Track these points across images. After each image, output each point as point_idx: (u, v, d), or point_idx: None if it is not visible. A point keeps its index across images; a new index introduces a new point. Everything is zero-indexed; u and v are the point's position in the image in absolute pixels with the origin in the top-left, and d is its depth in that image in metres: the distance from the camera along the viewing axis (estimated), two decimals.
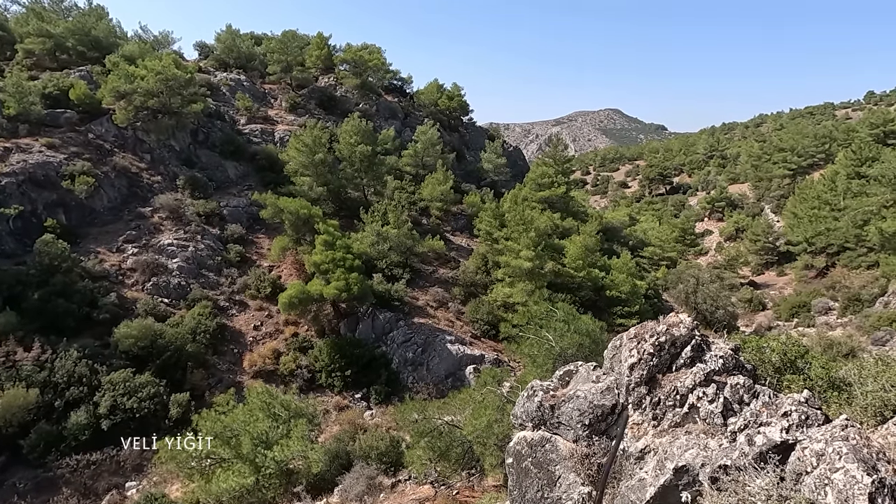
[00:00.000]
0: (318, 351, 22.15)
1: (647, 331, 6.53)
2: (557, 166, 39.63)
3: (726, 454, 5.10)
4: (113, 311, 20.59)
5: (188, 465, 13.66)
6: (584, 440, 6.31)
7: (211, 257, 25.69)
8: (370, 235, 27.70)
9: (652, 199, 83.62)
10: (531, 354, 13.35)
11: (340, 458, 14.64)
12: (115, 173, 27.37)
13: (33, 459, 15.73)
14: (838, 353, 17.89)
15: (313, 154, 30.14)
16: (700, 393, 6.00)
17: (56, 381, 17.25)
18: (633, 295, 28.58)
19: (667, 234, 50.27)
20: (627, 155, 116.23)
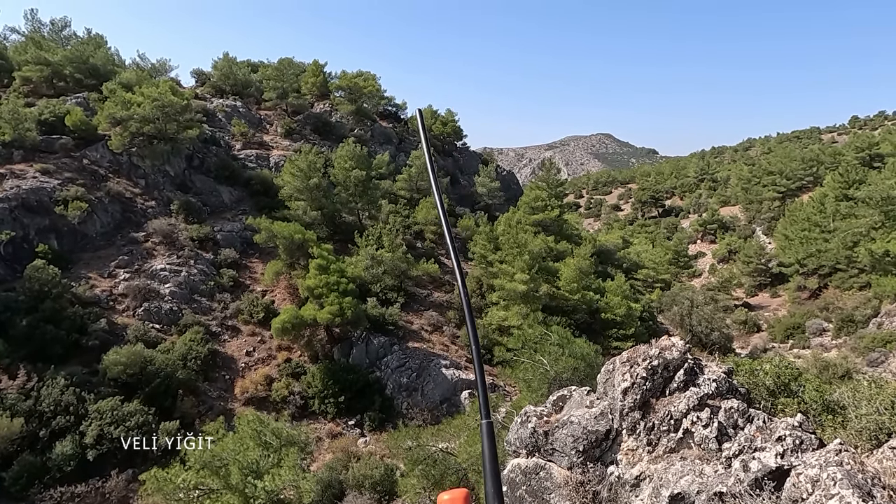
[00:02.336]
0: (311, 377, 21.86)
1: (640, 354, 6.51)
2: (551, 190, 40.02)
3: (722, 481, 5.03)
4: (102, 337, 20.31)
5: (175, 497, 13.28)
6: (579, 467, 6.21)
7: (204, 282, 25.52)
8: (364, 259, 27.67)
9: (645, 221, 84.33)
10: (526, 379, 13.24)
11: (333, 488, 14.32)
12: (108, 199, 27.36)
13: (15, 493, 15.25)
14: (834, 375, 17.86)
15: (308, 179, 30.31)
16: (694, 418, 5.95)
17: (42, 410, 16.87)
18: (628, 317, 28.54)
19: (660, 256, 50.54)
20: (620, 178, 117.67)
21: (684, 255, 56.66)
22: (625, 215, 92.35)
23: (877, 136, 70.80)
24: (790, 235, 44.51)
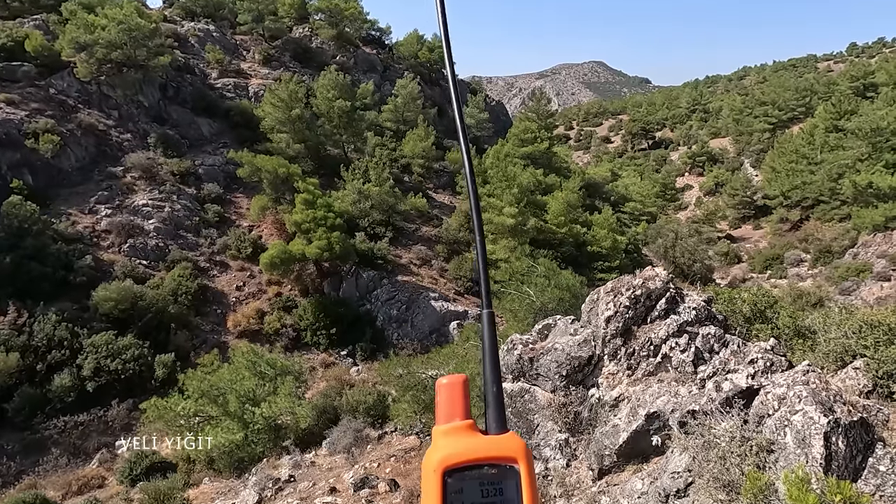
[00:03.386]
0: (303, 310, 22.23)
1: (624, 284, 6.68)
2: (540, 121, 39.17)
3: (695, 400, 5.35)
4: (90, 273, 20.23)
5: (176, 424, 13.87)
6: (562, 390, 6.54)
7: (188, 218, 25.17)
8: (351, 194, 27.35)
9: (634, 154, 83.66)
10: (512, 309, 13.61)
11: (328, 413, 14.98)
12: (81, 131, 26.22)
13: (19, 422, 15.78)
14: (807, 303, 18.62)
15: (290, 110, 29.20)
16: (673, 343, 6.22)
17: (36, 345, 17.10)
18: (613, 250, 29.03)
19: (648, 189, 50.65)
20: (611, 109, 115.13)
21: (672, 187, 56.83)
22: (614, 148, 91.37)
23: (873, 65, 69.33)
24: (777, 168, 44.64)
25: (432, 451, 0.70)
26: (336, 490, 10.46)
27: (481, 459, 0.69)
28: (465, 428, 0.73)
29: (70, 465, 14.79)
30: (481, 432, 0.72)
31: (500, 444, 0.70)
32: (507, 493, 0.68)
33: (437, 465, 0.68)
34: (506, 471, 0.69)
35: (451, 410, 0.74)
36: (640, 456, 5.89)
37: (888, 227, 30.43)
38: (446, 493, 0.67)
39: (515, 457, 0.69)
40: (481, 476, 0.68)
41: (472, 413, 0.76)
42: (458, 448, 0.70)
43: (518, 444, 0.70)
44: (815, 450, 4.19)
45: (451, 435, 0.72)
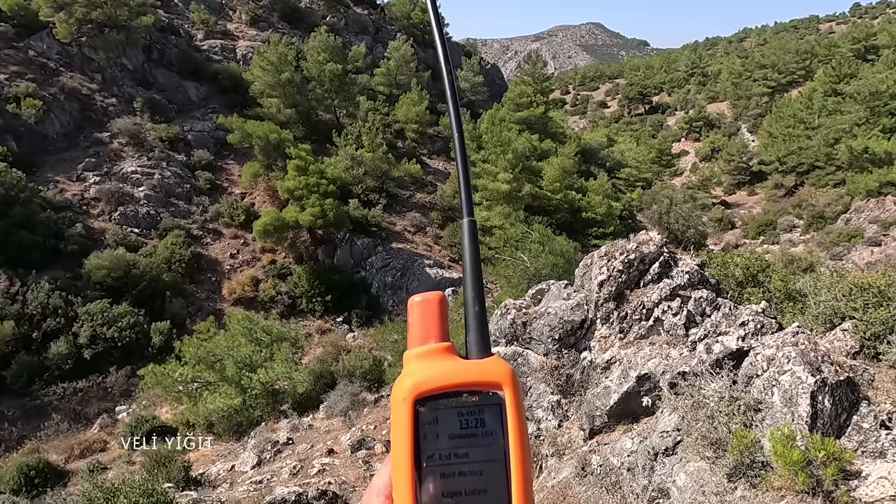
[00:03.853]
0: (297, 277, 22.25)
1: (618, 249, 6.67)
2: (536, 85, 38.39)
3: (686, 362, 5.43)
4: (81, 242, 20.04)
5: (175, 389, 14.05)
6: (554, 353, 6.62)
7: (179, 185, 24.81)
8: (344, 160, 26.96)
9: (631, 119, 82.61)
10: (507, 275, 13.66)
11: (325, 378, 15.20)
12: (64, 95, 25.47)
13: (18, 389, 15.92)
14: (798, 268, 18.78)
15: (279, 73, 28.41)
16: (665, 307, 6.27)
17: (30, 314, 17.08)
18: (608, 216, 29.01)
19: (644, 155, 50.26)
20: (608, 73, 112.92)
21: (667, 153, 56.38)
22: (611, 112, 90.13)
23: (875, 26, 67.97)
24: (774, 133, 44.27)
25: (402, 378, 0.60)
26: (333, 452, 10.71)
27: (459, 385, 0.59)
28: (442, 351, 0.62)
29: (71, 430, 15.02)
30: (461, 357, 0.62)
31: (481, 368, 0.60)
32: (490, 423, 0.58)
33: (407, 393, 0.58)
34: (488, 397, 0.59)
35: (425, 332, 0.63)
36: (631, 416, 6.01)
37: (882, 192, 30.49)
38: (418, 425, 0.58)
39: (500, 382, 0.59)
40: (459, 404, 0.59)
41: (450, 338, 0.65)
42: (432, 372, 0.59)
43: (503, 367, 0.60)
44: (801, 408, 4.27)
45: (425, 358, 0.62)
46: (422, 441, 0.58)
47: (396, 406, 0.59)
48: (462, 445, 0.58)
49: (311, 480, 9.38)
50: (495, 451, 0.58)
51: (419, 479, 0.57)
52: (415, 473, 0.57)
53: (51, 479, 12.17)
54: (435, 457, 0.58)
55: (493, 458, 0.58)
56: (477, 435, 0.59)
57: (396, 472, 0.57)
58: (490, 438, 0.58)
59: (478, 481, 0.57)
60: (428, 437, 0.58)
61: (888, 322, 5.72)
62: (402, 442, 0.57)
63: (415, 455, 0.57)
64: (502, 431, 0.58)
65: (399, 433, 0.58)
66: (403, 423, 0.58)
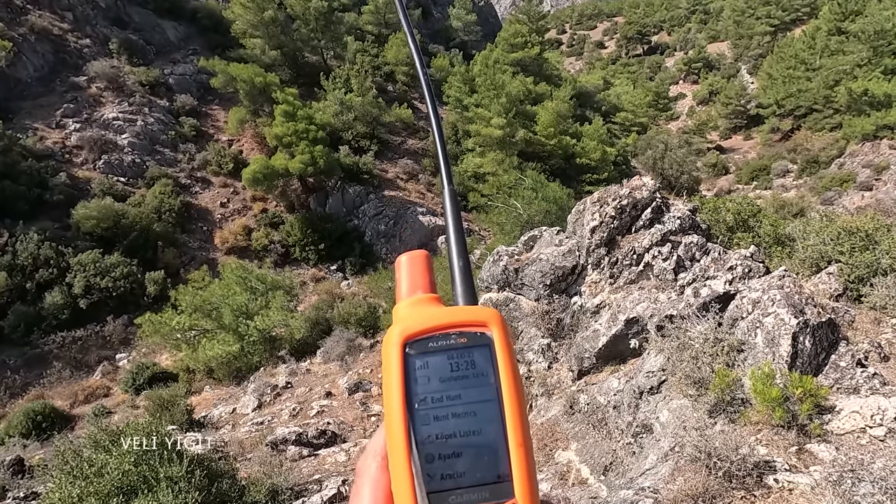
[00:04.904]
0: (290, 226, 22.14)
1: (611, 194, 6.65)
2: (531, 24, 36.84)
3: (673, 305, 5.55)
4: (66, 192, 19.67)
5: (173, 337, 14.28)
6: (545, 299, 6.74)
7: (164, 132, 24.10)
8: (333, 104, 26.16)
9: (628, 60, 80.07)
10: (499, 222, 13.66)
11: (321, 325, 15.47)
12: (34, 36, 24.15)
13: (17, 338, 16.10)
14: (789, 213, 18.92)
15: (262, 11, 26.98)
16: (656, 252, 6.33)
17: (22, 264, 17.01)
18: (602, 162, 28.72)
19: (640, 98, 49.13)
20: (606, 11, 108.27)
21: (664, 97, 55.15)
22: (608, 54, 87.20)
23: None
24: (774, 74, 43.21)
25: (392, 326, 0.61)
26: (331, 394, 11.07)
27: (447, 326, 0.59)
28: (430, 300, 0.64)
29: (74, 377, 15.36)
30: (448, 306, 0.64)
31: (468, 310, 0.61)
32: (480, 363, 0.58)
33: (397, 337, 0.59)
34: (476, 338, 0.59)
35: (413, 284, 0.66)
36: (618, 358, 6.22)
37: (878, 135, 30.24)
38: (409, 369, 0.58)
39: (486, 321, 0.59)
40: (449, 347, 0.59)
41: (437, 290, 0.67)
42: (420, 317, 0.60)
43: (490, 310, 0.60)
44: (782, 349, 4.43)
45: (413, 307, 0.63)
46: (413, 385, 0.58)
47: (387, 353, 0.59)
48: (454, 387, 0.58)
49: (310, 421, 9.75)
50: (488, 391, 0.58)
51: (412, 423, 0.57)
52: (408, 417, 0.57)
53: (57, 424, 12.57)
54: (427, 400, 0.57)
55: (485, 399, 0.58)
56: (468, 376, 0.58)
57: (389, 417, 0.57)
58: (481, 379, 0.58)
59: (472, 422, 0.57)
60: (419, 381, 0.58)
61: (872, 265, 5.83)
62: (394, 386, 0.57)
63: (406, 399, 0.57)
64: (493, 371, 0.58)
65: (390, 378, 0.58)
66: (394, 368, 0.58)
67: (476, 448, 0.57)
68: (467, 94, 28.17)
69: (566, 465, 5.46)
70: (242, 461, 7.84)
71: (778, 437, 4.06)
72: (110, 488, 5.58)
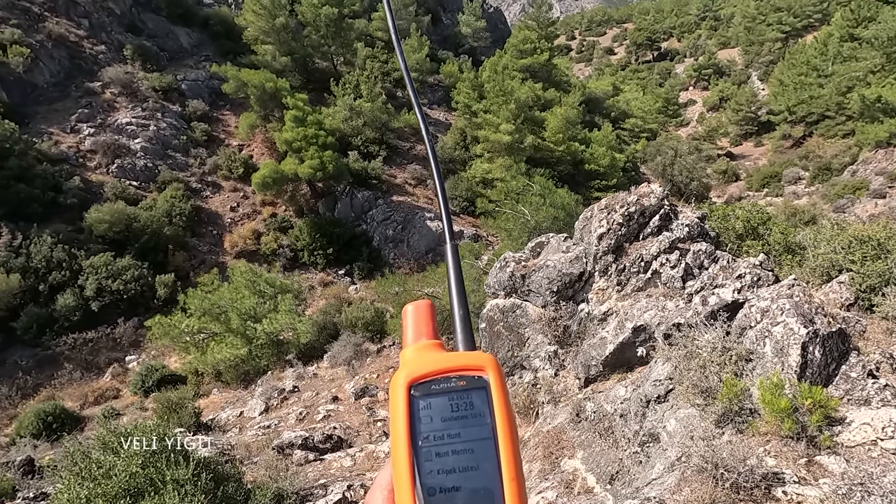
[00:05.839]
0: (299, 230, 22.27)
1: (618, 201, 6.63)
2: (541, 30, 36.92)
3: (681, 313, 5.51)
4: (80, 195, 19.95)
5: (182, 340, 14.39)
6: (552, 305, 6.72)
7: (175, 136, 24.40)
8: (342, 110, 26.35)
9: (638, 66, 79.95)
10: (507, 228, 13.65)
11: (328, 329, 15.52)
12: (51, 42, 24.61)
13: (29, 340, 16.32)
14: (800, 221, 18.72)
15: (273, 18, 27.30)
16: (663, 259, 6.30)
17: (35, 266, 17.25)
18: (611, 168, 28.64)
19: (650, 104, 49.00)
20: (616, 17, 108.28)
21: (674, 103, 55.01)
22: (618, 59, 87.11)
23: None
24: (785, 81, 42.91)
25: (399, 370, 0.68)
26: (338, 399, 11.09)
27: (448, 370, 0.66)
28: (432, 346, 0.71)
29: (84, 379, 15.51)
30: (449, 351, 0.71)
31: (467, 356, 0.68)
32: (477, 405, 0.65)
33: (403, 380, 0.65)
34: (474, 381, 0.66)
35: (418, 331, 0.73)
36: (625, 366, 6.18)
37: (891, 143, 29.88)
38: (414, 410, 0.64)
39: (483, 366, 0.66)
40: (449, 389, 0.65)
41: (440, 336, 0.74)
42: (424, 362, 0.67)
43: (486, 356, 0.68)
44: (791, 358, 4.38)
45: (418, 352, 0.70)
46: (417, 424, 0.64)
47: (394, 394, 0.65)
48: (454, 426, 0.64)
49: (316, 425, 9.77)
50: (484, 430, 0.64)
51: (416, 459, 0.62)
52: (412, 454, 0.62)
53: (67, 424, 12.69)
54: (430, 437, 0.64)
55: (482, 437, 0.64)
56: (467, 416, 0.65)
57: (395, 452, 0.63)
58: (479, 419, 0.64)
59: (470, 458, 0.63)
60: (423, 420, 0.64)
61: (885, 274, 5.76)
62: (400, 425, 0.64)
63: (411, 437, 0.63)
64: (489, 412, 0.64)
65: (396, 417, 0.64)
66: (400, 408, 0.64)
67: (474, 482, 0.62)
68: (476, 100, 28.25)
69: (572, 474, 5.43)
70: (249, 465, 7.87)
71: (787, 449, 4.01)
72: (118, 490, 5.63)
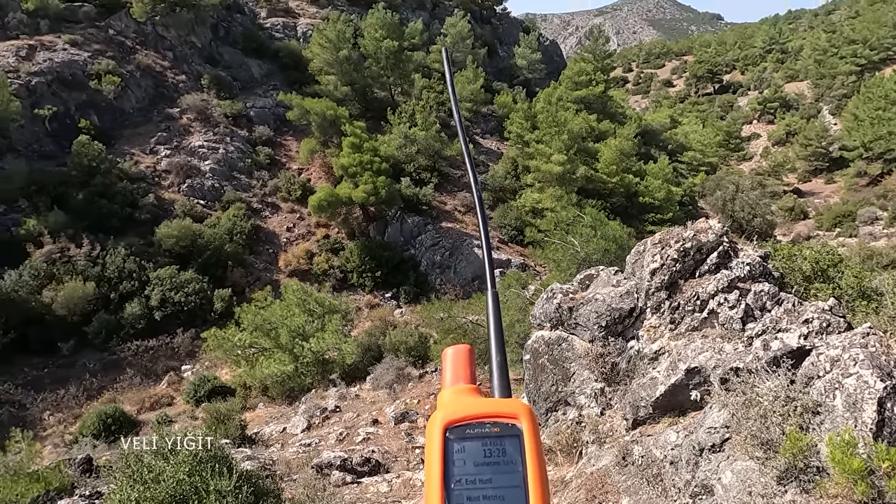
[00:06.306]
0: (349, 252, 22.87)
1: (673, 236, 6.40)
2: (597, 62, 36.88)
3: (740, 357, 5.19)
4: (153, 211, 21.45)
5: (234, 353, 14.95)
6: (600, 340, 6.50)
7: (241, 159, 25.92)
8: (397, 138, 27.17)
9: (698, 99, 78.01)
10: (556, 259, 13.45)
11: (372, 351, 15.68)
12: (139, 72, 27.01)
13: (98, 344, 17.45)
14: (878, 264, 17.34)
15: (337, 51, 28.80)
16: (721, 299, 5.98)
17: (109, 276, 18.55)
18: (667, 202, 27.79)
19: (710, 137, 47.47)
20: (675, 49, 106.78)
21: (736, 136, 53.06)
22: (676, 92, 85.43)
23: None
24: (860, 115, 40.54)
25: (436, 412, 0.70)
26: (378, 422, 11.10)
27: (482, 416, 0.67)
28: (469, 390, 0.72)
29: (143, 384, 16.35)
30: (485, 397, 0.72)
31: (502, 404, 0.68)
32: (510, 452, 0.65)
33: (439, 422, 0.67)
34: (508, 428, 0.66)
35: (456, 375, 0.75)
36: (677, 409, 5.84)
37: None
38: (448, 452, 0.65)
39: (518, 415, 0.67)
40: (483, 434, 0.66)
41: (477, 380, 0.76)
42: (460, 406, 0.69)
43: (521, 404, 0.68)
44: (866, 414, 4.00)
45: (455, 395, 0.72)
46: (451, 466, 0.65)
47: (430, 435, 0.67)
48: (486, 472, 0.65)
49: (355, 447, 9.79)
50: (515, 478, 0.64)
51: (448, 500, 0.63)
52: (444, 495, 0.63)
53: (125, 427, 13.35)
54: (462, 481, 0.64)
55: (513, 485, 0.64)
56: (499, 463, 0.65)
57: (428, 493, 0.64)
58: (511, 466, 0.65)
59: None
60: (456, 463, 0.65)
61: None
62: (434, 466, 0.65)
63: (444, 479, 0.64)
64: (521, 460, 0.65)
65: (431, 459, 0.66)
66: (435, 450, 0.66)
67: None
68: (528, 130, 28.39)
69: None
70: (288, 482, 7.96)
71: None
72: (164, 495, 5.82)
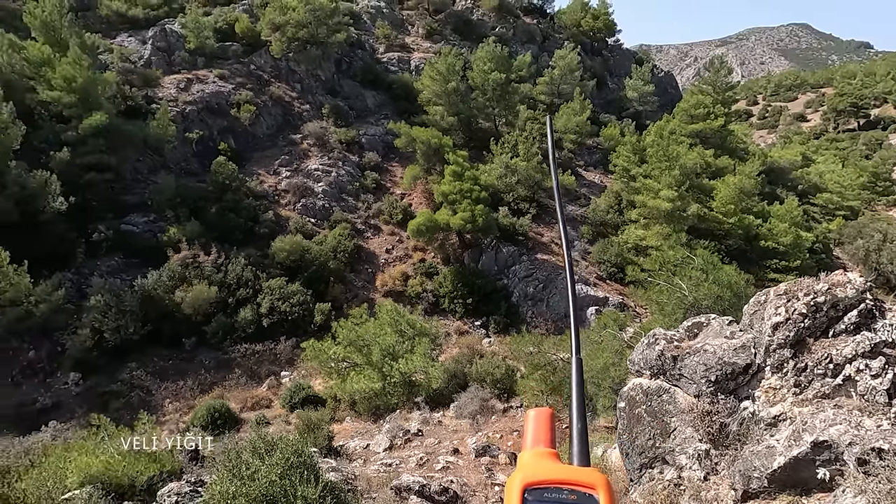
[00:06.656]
0: (443, 277, 23.25)
1: (803, 288, 5.65)
2: (717, 95, 34.66)
3: (885, 436, 4.37)
4: (270, 226, 23.57)
5: (328, 365, 15.69)
6: (708, 396, 5.86)
7: (350, 183, 27.73)
8: (498, 167, 27.43)
9: (837, 135, 69.88)
10: (659, 301, 12.55)
11: (458, 378, 15.60)
12: (272, 102, 30.23)
13: (214, 343, 19.28)
14: None
15: (446, 83, 30.04)
16: (861, 365, 5.13)
17: (229, 282, 20.57)
18: (794, 248, 24.93)
19: (851, 178, 42.04)
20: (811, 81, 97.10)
21: (885, 178, 46.53)
22: (810, 127, 77.31)
23: None
24: None
25: (516, 471, 0.72)
26: (458, 452, 10.92)
27: (561, 482, 0.68)
28: (549, 454, 0.75)
29: (247, 385, 17.72)
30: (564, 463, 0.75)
31: (581, 472, 0.69)
32: None
33: (518, 483, 0.69)
34: (585, 498, 0.66)
35: (537, 437, 0.77)
36: (799, 487, 5.04)
37: None
38: None
39: (596, 485, 0.67)
40: (560, 500, 0.67)
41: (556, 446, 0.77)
42: (540, 469, 0.70)
43: (599, 475, 0.69)
44: None
45: (536, 458, 0.74)
46: None
47: (508, 493, 0.69)
48: None
49: (434, 475, 9.69)
50: None
51: None
52: None
53: (229, 423, 14.50)
54: None
55: None
56: None
57: None
58: None
59: None
60: None
61: None
62: None
63: None
64: None
65: None
66: None
67: None
68: (636, 164, 27.22)
69: None
70: (367, 499, 8.06)
71: None
72: (258, 493, 6.15)
